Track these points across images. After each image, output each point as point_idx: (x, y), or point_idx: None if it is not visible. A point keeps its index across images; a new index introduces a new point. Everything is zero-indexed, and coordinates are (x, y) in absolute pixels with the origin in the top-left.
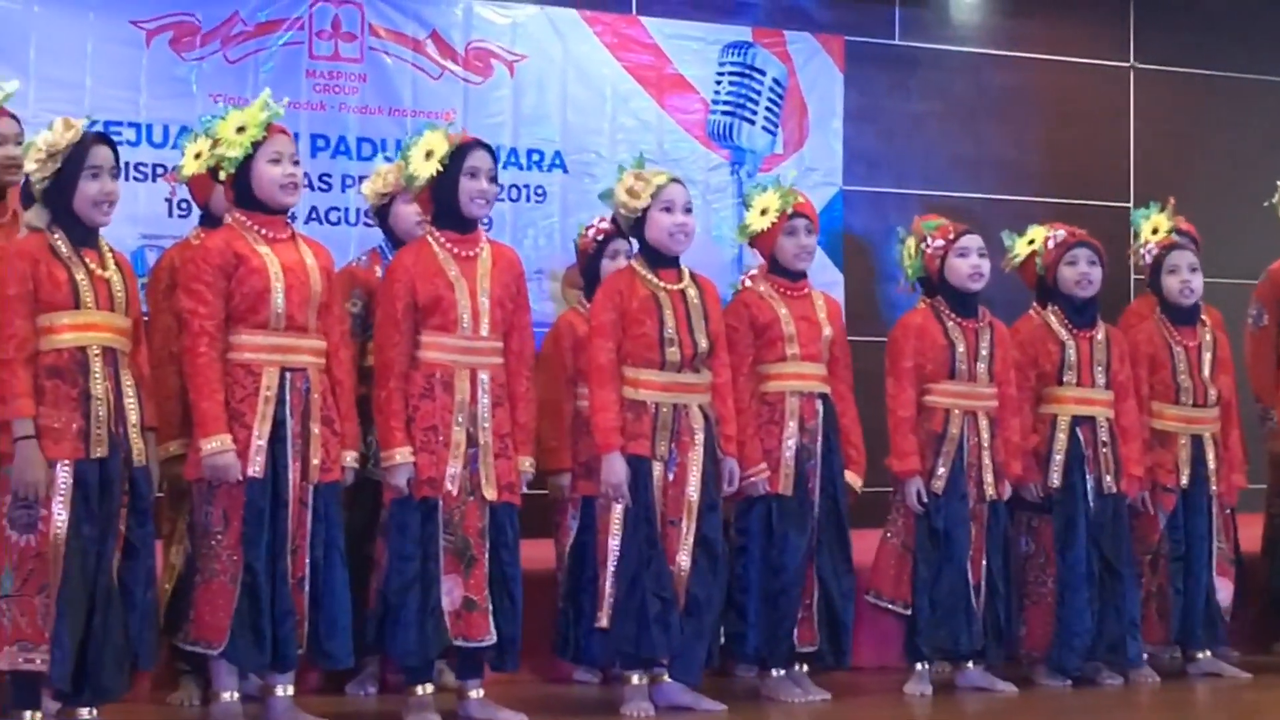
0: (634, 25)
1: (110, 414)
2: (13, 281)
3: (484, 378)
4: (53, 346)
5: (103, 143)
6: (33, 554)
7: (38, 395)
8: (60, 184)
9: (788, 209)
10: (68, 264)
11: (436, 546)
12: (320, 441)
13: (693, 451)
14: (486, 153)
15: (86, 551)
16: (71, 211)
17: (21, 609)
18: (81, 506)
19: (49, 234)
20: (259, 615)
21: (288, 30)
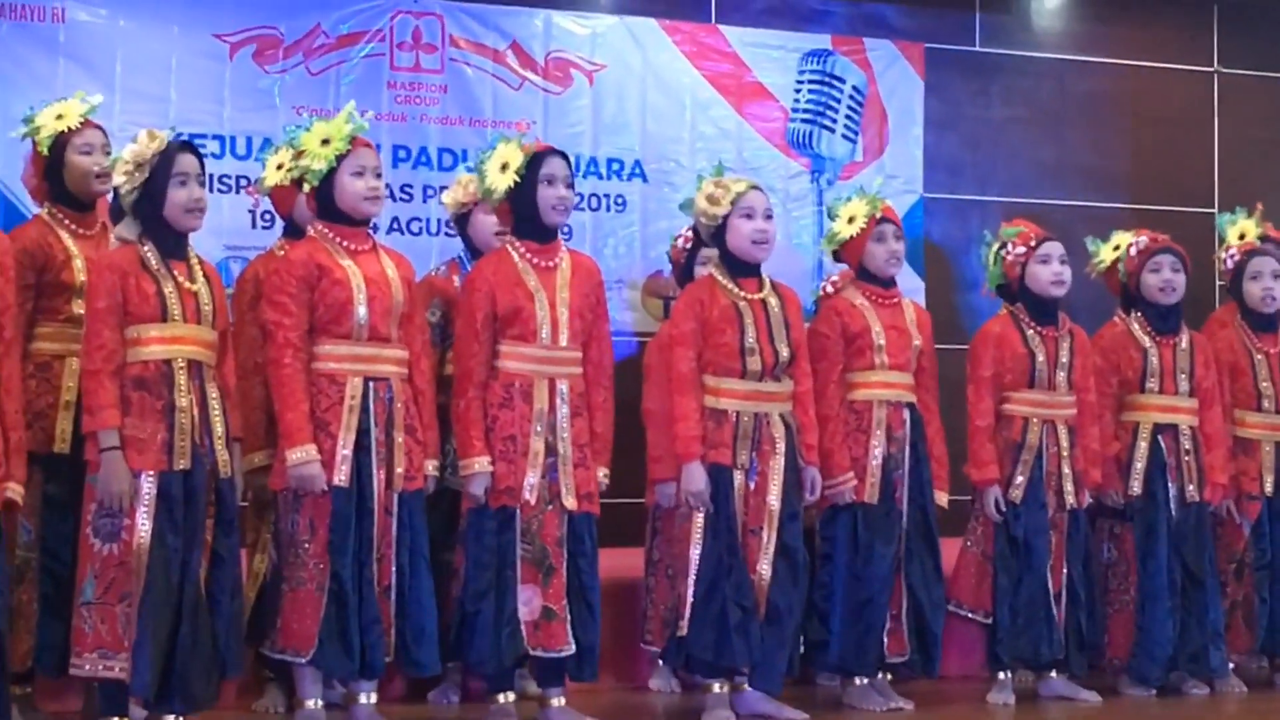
0: (713, 34)
1: (194, 426)
2: (102, 294)
3: (563, 387)
4: (139, 358)
5: (188, 151)
6: (115, 563)
7: (124, 406)
8: (149, 194)
9: (875, 214)
10: (156, 277)
11: (514, 555)
12: (404, 450)
13: (774, 460)
14: (561, 159)
15: (170, 561)
16: (162, 220)
17: (103, 616)
18: (165, 517)
19: (139, 246)
20: (346, 623)
21: (369, 42)
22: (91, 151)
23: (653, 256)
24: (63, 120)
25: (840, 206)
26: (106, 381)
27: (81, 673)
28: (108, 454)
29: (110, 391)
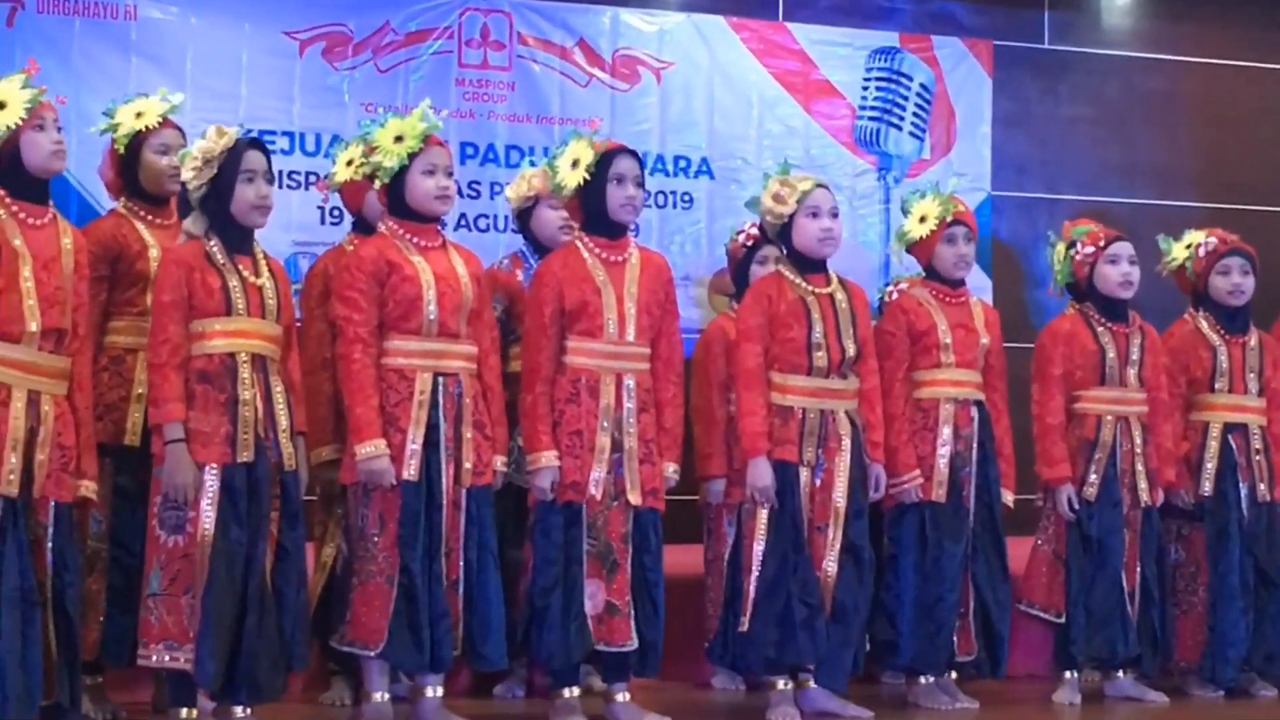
0: (780, 31)
1: (258, 420)
2: (167, 288)
3: (630, 383)
4: (204, 352)
5: (256, 148)
6: (180, 555)
7: (188, 400)
8: (217, 189)
9: (947, 216)
10: (221, 271)
11: (580, 550)
12: (472, 445)
13: (839, 457)
14: (632, 158)
15: (234, 554)
16: (229, 216)
17: (168, 608)
18: (229, 509)
19: (205, 241)
20: (416, 616)
21: (437, 39)
22: (168, 151)
23: (719, 254)
24: (142, 118)
25: (913, 203)
26: (171, 375)
27: (149, 663)
28: (172, 446)
29: (175, 385)
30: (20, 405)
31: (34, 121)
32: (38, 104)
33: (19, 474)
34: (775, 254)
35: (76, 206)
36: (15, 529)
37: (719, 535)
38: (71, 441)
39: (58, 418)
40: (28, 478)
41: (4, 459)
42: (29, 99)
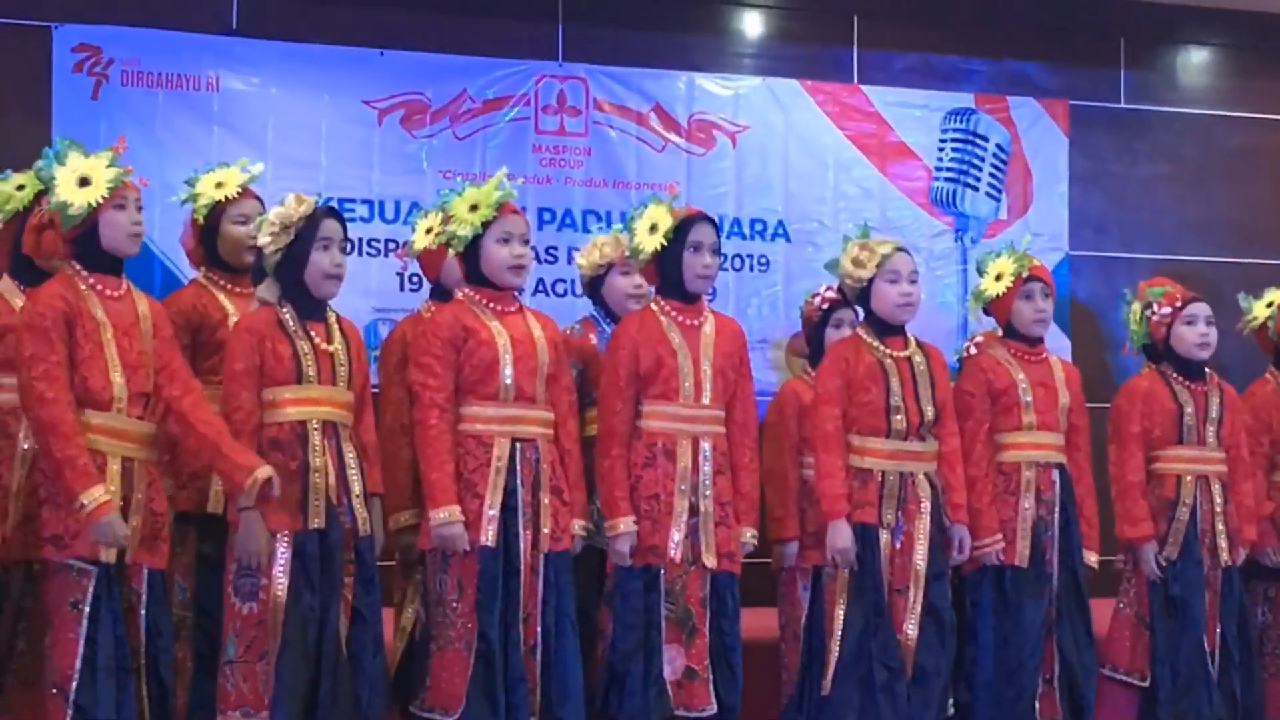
0: (855, 94)
1: (329, 486)
2: (240, 356)
3: (706, 447)
4: (274, 420)
5: (333, 216)
6: (255, 622)
7: None
8: (292, 257)
9: (1023, 273)
10: (293, 339)
11: (659, 615)
12: (550, 511)
13: (919, 520)
14: (710, 226)
15: (308, 620)
16: (302, 284)
17: (244, 675)
18: (301, 576)
19: (278, 308)
20: (493, 682)
21: (514, 106)
22: (247, 221)
23: (795, 317)
24: (222, 189)
25: (989, 262)
26: (244, 442)
27: None
28: (246, 513)
29: (247, 452)
30: (115, 471)
31: (116, 201)
32: (121, 184)
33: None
34: (850, 317)
35: (160, 276)
36: (110, 597)
37: (793, 599)
38: (163, 509)
39: (149, 484)
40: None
41: None
42: (113, 178)
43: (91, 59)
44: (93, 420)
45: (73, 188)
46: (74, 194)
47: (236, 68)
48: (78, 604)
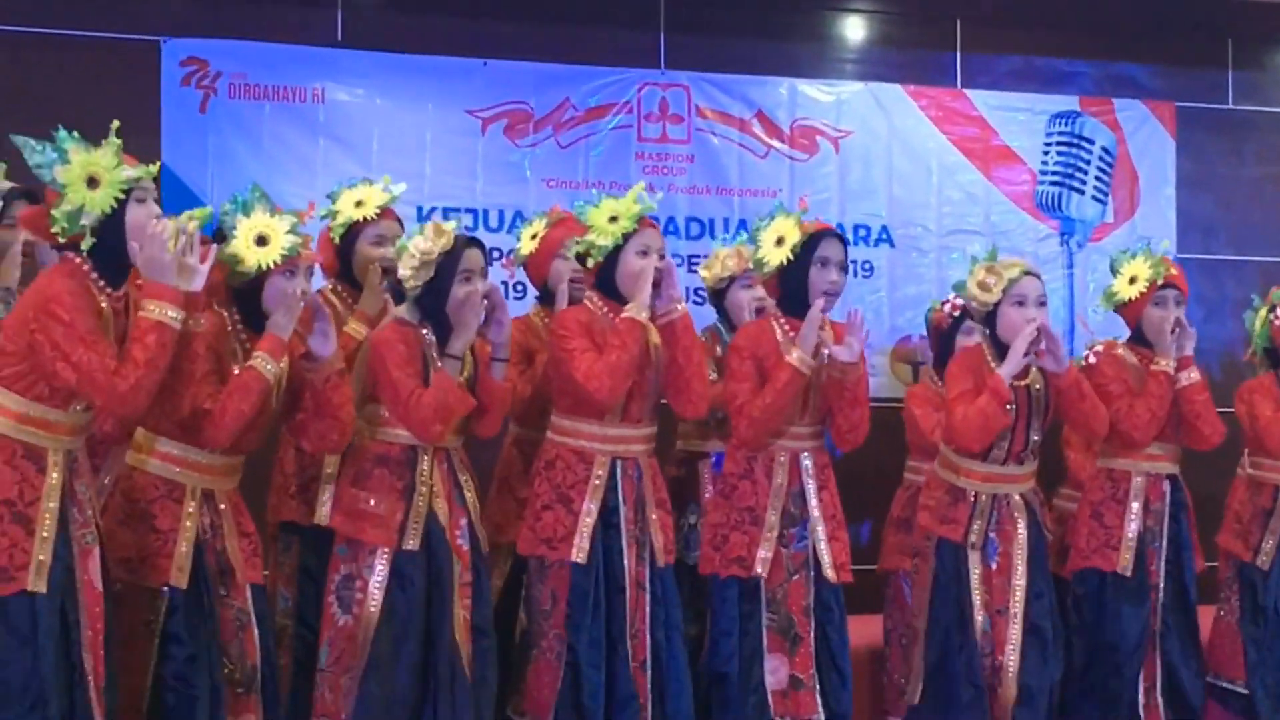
0: (959, 98)
1: (436, 509)
2: (399, 363)
3: (807, 462)
4: (387, 439)
5: (473, 245)
6: (347, 635)
7: (362, 480)
8: (433, 289)
9: (1158, 279)
10: (429, 366)
11: (758, 624)
12: (659, 525)
13: (1016, 539)
14: (839, 242)
15: (400, 640)
16: (443, 315)
17: (330, 685)
18: (398, 595)
19: (420, 330)
20: (580, 696)
21: (617, 114)
22: (383, 242)
23: (900, 323)
24: (361, 208)
25: (1123, 263)
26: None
27: None
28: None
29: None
30: (195, 502)
31: (287, 268)
32: (295, 254)
33: (188, 568)
34: (984, 331)
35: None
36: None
37: (900, 605)
38: (252, 529)
39: (234, 508)
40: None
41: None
42: (289, 246)
43: (199, 72)
44: (172, 452)
45: (249, 244)
46: (248, 251)
47: (342, 79)
48: (150, 624)
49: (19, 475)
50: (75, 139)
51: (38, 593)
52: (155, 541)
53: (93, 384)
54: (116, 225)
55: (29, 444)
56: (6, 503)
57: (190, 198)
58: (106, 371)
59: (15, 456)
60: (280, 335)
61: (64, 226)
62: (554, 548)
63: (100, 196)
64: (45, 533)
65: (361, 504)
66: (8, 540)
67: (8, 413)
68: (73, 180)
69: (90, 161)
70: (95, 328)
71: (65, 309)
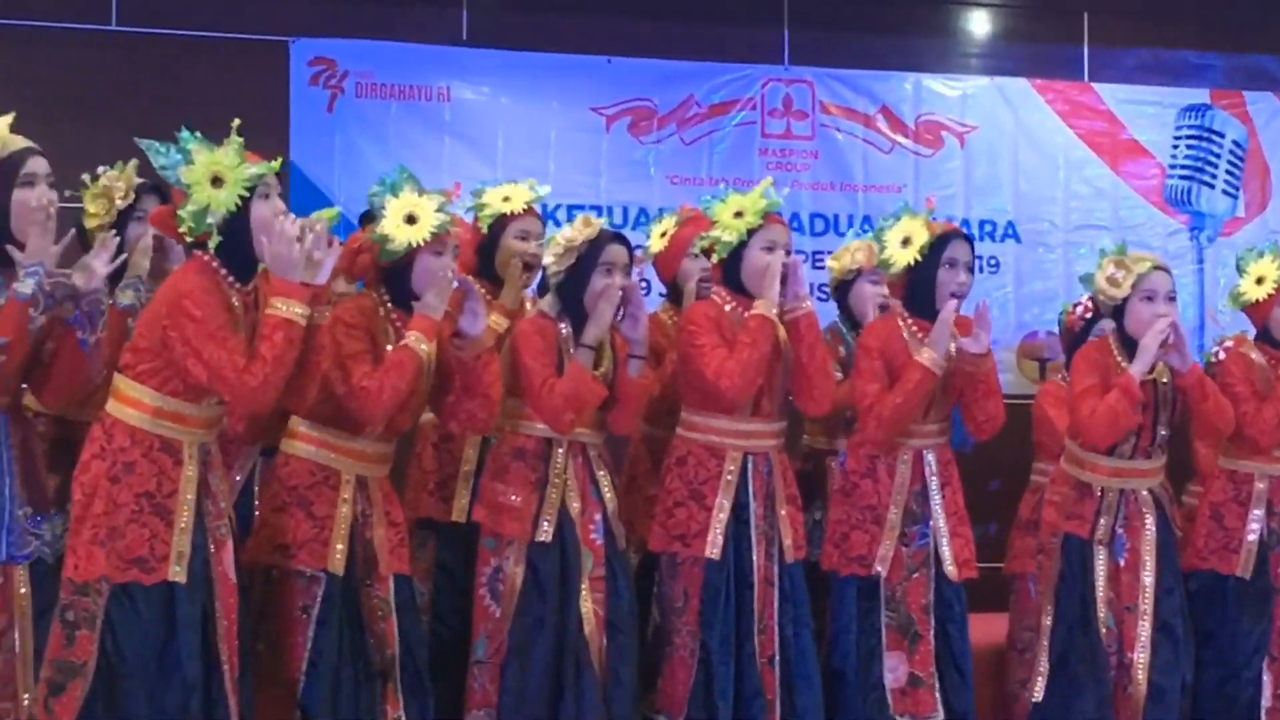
0: (1086, 92)
1: (567, 503)
2: (536, 354)
3: (930, 459)
4: (525, 431)
5: (619, 241)
6: (500, 625)
7: (501, 474)
8: (574, 277)
9: None
10: (564, 358)
11: (876, 622)
12: (788, 522)
13: (1144, 535)
14: (966, 244)
15: (533, 632)
16: (581, 306)
17: (490, 676)
18: (531, 584)
19: (558, 324)
20: (713, 693)
21: (741, 110)
22: (527, 238)
23: (1026, 318)
24: (509, 203)
25: (1249, 262)
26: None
27: None
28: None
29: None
30: (350, 488)
31: (435, 246)
32: (445, 231)
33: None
34: (1113, 327)
35: None
36: (339, 603)
37: (1024, 608)
38: (400, 519)
39: (385, 496)
40: (354, 559)
41: (332, 539)
42: (439, 224)
43: (327, 72)
44: (327, 438)
45: (398, 223)
46: (398, 230)
47: (467, 78)
48: (307, 609)
49: (156, 468)
50: (198, 139)
51: (178, 583)
52: (312, 527)
53: (222, 380)
54: (242, 222)
55: (165, 437)
56: (146, 495)
57: (318, 197)
58: (235, 368)
59: (152, 450)
60: (432, 315)
61: (191, 226)
62: (687, 544)
63: (225, 195)
64: (183, 524)
65: (501, 497)
66: (148, 531)
67: (144, 407)
68: (197, 180)
69: (214, 161)
70: (226, 324)
71: (197, 305)
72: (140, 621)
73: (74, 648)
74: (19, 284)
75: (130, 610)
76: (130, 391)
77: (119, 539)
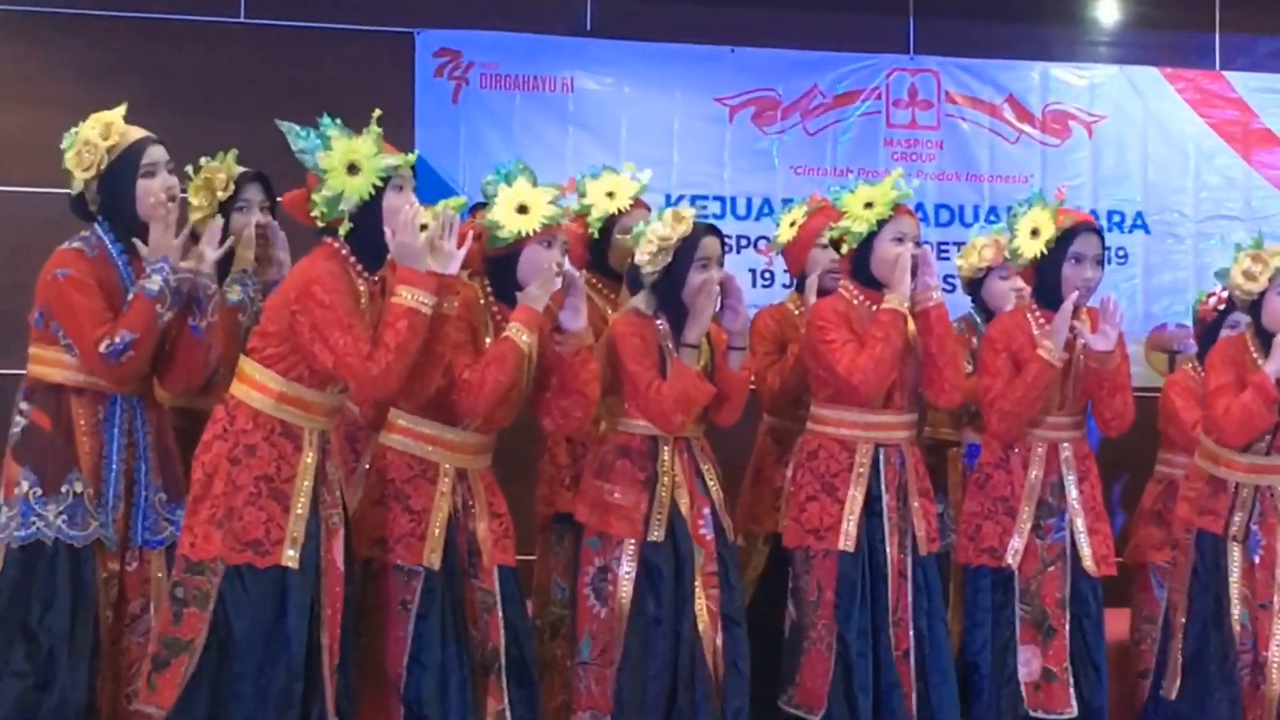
0: (1217, 80)
1: (676, 499)
2: (638, 357)
3: (1066, 453)
4: (628, 430)
5: (711, 233)
6: (606, 627)
7: (606, 472)
8: (670, 276)
9: None
10: (665, 356)
11: (1011, 615)
12: (921, 514)
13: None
14: (1095, 237)
15: (650, 630)
16: (679, 303)
17: (596, 678)
18: (646, 585)
19: (655, 321)
20: (852, 686)
21: (865, 100)
22: (627, 233)
23: (1155, 310)
24: (614, 199)
25: None
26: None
27: None
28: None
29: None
30: (449, 481)
31: (544, 238)
32: (556, 223)
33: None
34: (1247, 320)
35: None
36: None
37: (1148, 599)
38: (503, 510)
39: (487, 487)
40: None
41: (428, 534)
42: (549, 216)
43: (452, 63)
44: (425, 430)
45: (510, 211)
46: (509, 218)
47: (591, 68)
48: (406, 604)
49: (276, 452)
50: (339, 126)
51: (290, 568)
52: (409, 521)
53: (347, 368)
54: (374, 211)
55: (286, 422)
56: (265, 478)
57: (443, 187)
58: (360, 356)
59: (273, 434)
60: (535, 306)
61: (323, 211)
62: (821, 537)
63: (360, 183)
64: (300, 510)
65: (606, 496)
66: (264, 514)
67: (268, 391)
68: (334, 166)
69: (351, 149)
70: (353, 311)
71: (326, 291)
72: (251, 604)
73: (181, 625)
74: (146, 280)
75: (242, 592)
76: (255, 374)
77: (236, 520)
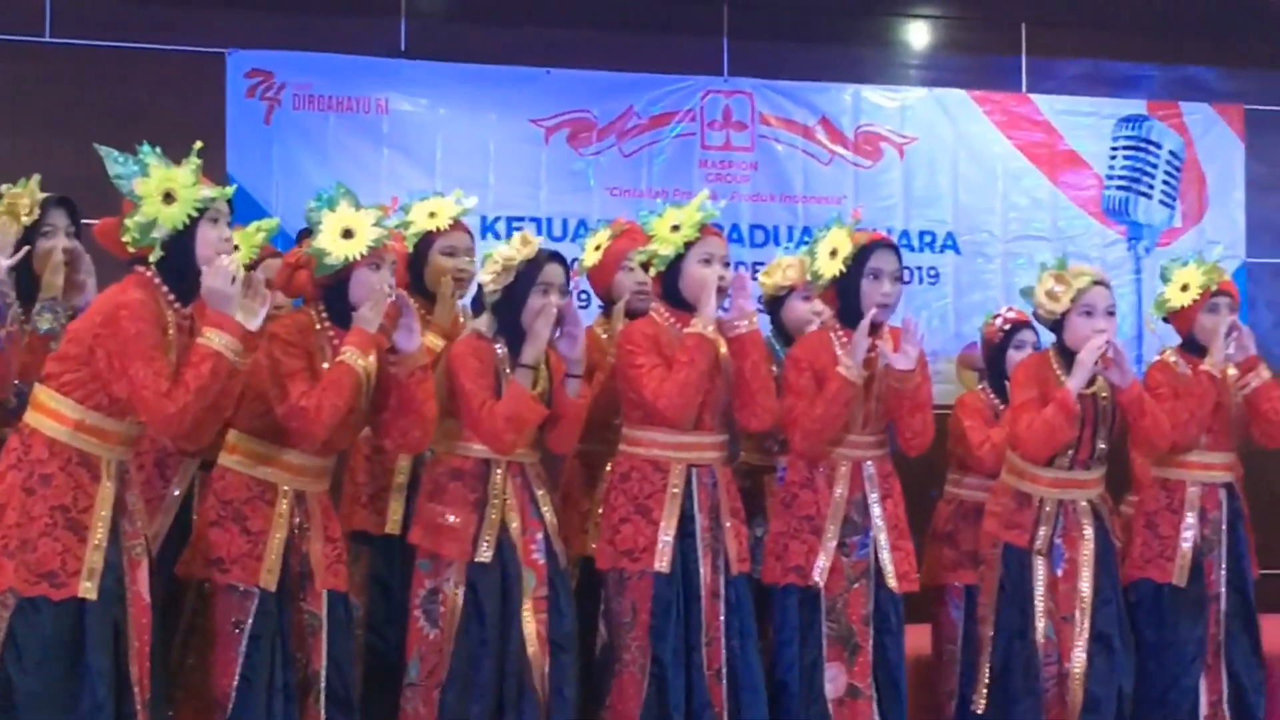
0: (1024, 103)
1: (506, 521)
2: (473, 376)
3: (870, 470)
4: (461, 453)
5: (556, 261)
6: (436, 648)
7: (439, 495)
8: (510, 297)
9: (1211, 285)
10: (501, 380)
11: (818, 633)
12: (733, 534)
13: (1082, 546)
14: (891, 253)
15: (476, 653)
16: (518, 326)
17: (423, 699)
18: (472, 605)
19: (494, 344)
20: (666, 707)
21: (680, 122)
22: (455, 254)
23: (966, 329)
24: (434, 219)
25: (1174, 271)
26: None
27: None
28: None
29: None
30: (287, 504)
31: (372, 260)
32: (381, 245)
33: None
34: (1032, 339)
35: None
36: (273, 619)
37: (947, 619)
38: (338, 534)
39: (323, 511)
40: (287, 574)
41: (266, 555)
42: (375, 238)
43: (264, 84)
44: (265, 452)
45: (335, 237)
46: (334, 244)
47: (405, 89)
48: (239, 624)
49: (73, 482)
50: (157, 154)
51: (88, 599)
52: (247, 542)
53: (142, 401)
54: (187, 242)
55: (84, 451)
56: (61, 509)
57: (256, 208)
58: (157, 392)
59: (70, 463)
60: (367, 329)
61: (135, 237)
62: (635, 559)
63: (174, 212)
64: (97, 540)
65: (439, 518)
66: (60, 545)
67: (64, 419)
68: (150, 194)
69: (169, 177)
70: (158, 344)
71: (133, 319)
72: (45, 637)
73: None
74: None
75: (35, 625)
76: (51, 403)
77: (30, 551)
